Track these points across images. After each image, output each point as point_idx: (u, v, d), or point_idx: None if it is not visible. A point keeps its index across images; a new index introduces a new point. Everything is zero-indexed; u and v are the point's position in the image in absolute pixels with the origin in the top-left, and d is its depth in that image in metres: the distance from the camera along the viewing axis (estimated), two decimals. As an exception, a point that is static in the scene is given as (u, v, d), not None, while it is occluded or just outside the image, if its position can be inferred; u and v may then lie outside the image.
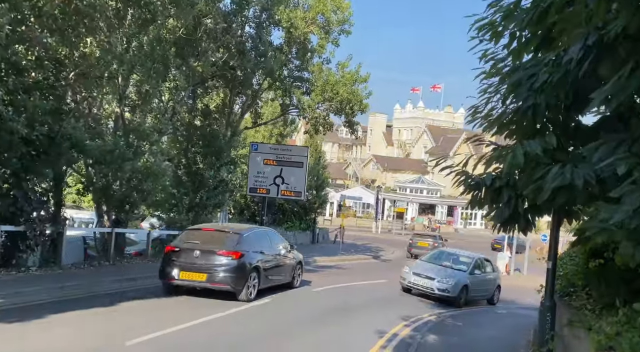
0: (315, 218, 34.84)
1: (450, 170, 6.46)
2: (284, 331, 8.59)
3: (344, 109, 20.03)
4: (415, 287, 14.18)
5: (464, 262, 15.13)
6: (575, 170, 4.13)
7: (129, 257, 15.94)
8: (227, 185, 18.29)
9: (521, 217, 6.24)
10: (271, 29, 18.27)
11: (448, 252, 16.35)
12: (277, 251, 11.97)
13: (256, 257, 10.72)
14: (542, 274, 22.47)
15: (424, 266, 14.86)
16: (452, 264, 14.96)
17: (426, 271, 14.27)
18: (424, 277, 14.01)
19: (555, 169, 4.22)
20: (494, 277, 16.08)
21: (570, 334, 6.29)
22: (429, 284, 13.82)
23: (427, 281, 13.88)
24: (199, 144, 18.48)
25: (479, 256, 15.96)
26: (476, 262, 15.18)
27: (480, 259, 15.64)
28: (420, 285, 13.98)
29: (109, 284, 10.75)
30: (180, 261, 10.04)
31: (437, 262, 15.09)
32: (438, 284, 13.73)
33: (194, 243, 10.39)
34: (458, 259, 15.39)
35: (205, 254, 10.06)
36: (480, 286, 14.96)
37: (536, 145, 4.76)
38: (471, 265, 14.85)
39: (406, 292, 14.55)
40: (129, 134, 12.75)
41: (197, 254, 10.06)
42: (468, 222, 62.47)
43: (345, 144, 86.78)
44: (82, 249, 15.25)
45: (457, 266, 14.85)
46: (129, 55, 11.08)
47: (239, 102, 20.41)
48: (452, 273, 14.26)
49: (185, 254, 10.10)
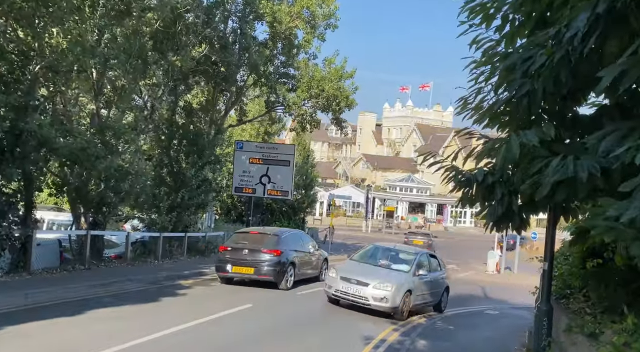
0: (304, 218, 34.31)
1: (439, 166, 5.99)
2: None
3: (330, 105, 19.53)
4: (344, 296, 10.86)
5: (406, 261, 11.96)
6: (578, 162, 3.67)
7: (108, 260, 15.30)
8: (211, 184, 17.68)
9: (515, 215, 5.78)
10: (255, 24, 17.72)
11: (385, 248, 12.78)
12: (308, 249, 14.33)
13: (292, 255, 13.01)
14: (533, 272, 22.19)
15: (355, 267, 11.60)
16: (391, 263, 11.85)
17: (358, 274, 11.01)
18: (355, 282, 10.74)
19: (556, 161, 3.76)
20: (441, 278, 12.96)
21: (569, 341, 5.86)
22: (362, 292, 10.59)
23: (359, 288, 10.66)
24: (182, 143, 17.88)
25: (423, 252, 13.02)
26: (420, 259, 12.00)
27: (425, 255, 12.64)
28: (351, 294, 10.68)
29: (81, 289, 10.13)
30: (232, 258, 12.42)
31: (372, 262, 11.92)
32: (373, 292, 10.52)
33: (243, 243, 12.85)
34: (398, 256, 12.20)
35: (253, 252, 12.40)
36: (426, 289, 11.89)
37: (533, 136, 4.30)
38: (414, 263, 11.63)
39: (333, 303, 11.39)
40: (104, 131, 12.11)
41: (246, 252, 12.45)
42: (458, 220, 62.42)
43: (335, 143, 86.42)
44: (57, 252, 14.59)
45: (396, 265, 11.77)
46: (101, 48, 10.44)
47: (224, 99, 19.81)
48: (391, 275, 11.14)
49: (236, 252, 12.50)
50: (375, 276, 10.93)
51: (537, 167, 4.28)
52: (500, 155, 4.73)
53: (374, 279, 10.73)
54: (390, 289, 10.51)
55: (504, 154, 4.64)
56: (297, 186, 32.08)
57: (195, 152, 17.51)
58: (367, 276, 10.89)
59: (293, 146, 22.44)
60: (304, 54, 19.88)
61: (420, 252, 12.65)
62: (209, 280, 13.51)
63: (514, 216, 5.80)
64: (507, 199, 5.59)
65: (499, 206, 5.67)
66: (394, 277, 11.01)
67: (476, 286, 19.70)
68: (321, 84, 19.30)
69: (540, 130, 4.46)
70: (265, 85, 19.91)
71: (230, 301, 10.52)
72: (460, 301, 15.66)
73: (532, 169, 4.40)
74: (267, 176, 20.67)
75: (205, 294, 11.49)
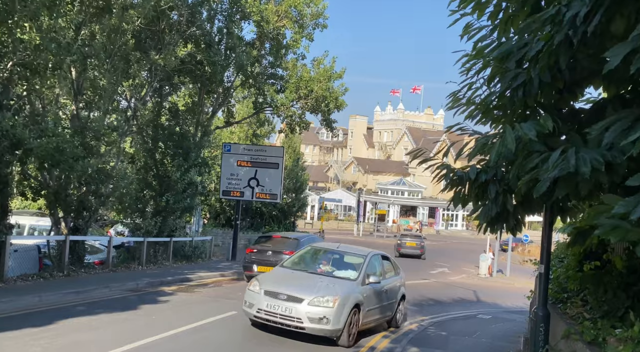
0: (295, 222, 33.88)
1: (429, 164, 5.65)
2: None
3: (319, 106, 19.18)
4: (270, 318, 7.99)
5: (353, 265, 9.33)
6: (580, 156, 3.34)
7: (91, 266, 14.78)
8: (197, 188, 17.23)
9: (510, 215, 5.47)
10: (241, 23, 17.35)
11: (325, 250, 10.07)
12: None
13: None
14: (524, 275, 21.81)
15: (285, 276, 8.78)
16: (334, 268, 9.28)
17: (289, 285, 8.25)
18: (285, 298, 7.96)
19: (557, 155, 3.42)
20: (397, 285, 10.32)
21: (567, 348, 5.53)
22: (294, 311, 7.81)
23: (289, 305, 7.87)
24: (167, 145, 17.42)
25: (374, 253, 9.96)
26: (371, 262, 9.42)
27: (377, 257, 9.89)
28: (279, 314, 7.88)
29: (55, 298, 9.62)
30: (258, 259, 13.81)
31: (309, 268, 9.24)
32: (309, 309, 7.80)
33: (267, 246, 14.39)
34: (342, 259, 9.64)
35: (275, 253, 13.64)
36: (379, 302, 9.21)
37: (530, 129, 3.97)
38: (363, 268, 8.99)
39: (258, 327, 8.49)
40: (84, 132, 11.63)
41: (270, 253, 13.77)
42: (449, 223, 62.35)
43: (327, 146, 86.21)
44: (36, 259, 14.06)
45: (341, 271, 9.14)
46: (77, 45, 9.99)
47: (211, 100, 19.39)
48: (334, 285, 8.36)
49: (261, 254, 13.93)
50: (312, 287, 8.16)
51: (534, 163, 3.96)
52: (494, 151, 4.40)
53: (311, 293, 7.95)
54: (331, 305, 7.79)
55: (498, 149, 4.32)
56: (287, 189, 31.70)
57: (181, 155, 17.06)
58: (301, 288, 8.13)
59: (282, 148, 22.06)
60: (293, 55, 19.55)
61: (371, 254, 9.71)
62: (193, 286, 13.05)
63: (509, 216, 5.48)
64: (502, 198, 5.27)
65: (493, 206, 5.35)
66: (338, 288, 8.24)
67: (468, 290, 19.42)
68: (310, 85, 18.94)
69: (537, 122, 4.13)
70: (253, 87, 19.53)
71: (214, 308, 10.09)
72: (453, 305, 15.37)
73: (529, 165, 4.07)
74: (256, 179, 20.27)
75: (188, 301, 11.04)
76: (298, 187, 33.22)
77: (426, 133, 69.78)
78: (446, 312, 13.63)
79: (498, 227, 5.71)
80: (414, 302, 13.93)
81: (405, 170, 68.58)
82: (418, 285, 18.82)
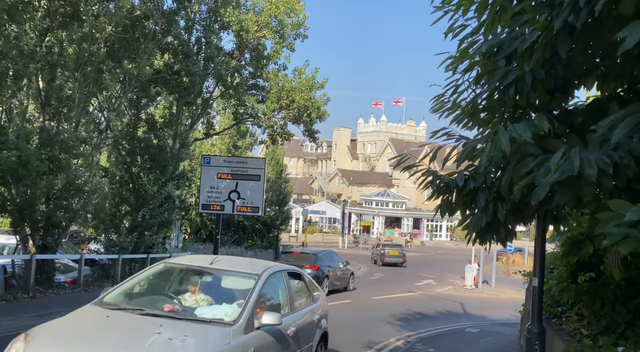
0: (278, 235, 33.19)
1: (414, 171, 5.26)
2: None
3: (301, 116, 18.79)
4: None
5: (233, 293, 5.31)
6: (584, 156, 2.97)
7: (61, 286, 14.01)
8: (174, 202, 16.60)
9: (501, 225, 5.08)
10: (220, 33, 16.95)
11: (190, 269, 5.70)
12: (338, 265, 18.20)
13: (327, 269, 16.65)
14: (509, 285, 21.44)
15: (89, 326, 4.52)
16: (197, 302, 5.01)
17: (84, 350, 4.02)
18: None
19: (558, 156, 3.05)
20: (314, 319, 6.29)
21: (566, 368, 5.13)
22: None
23: None
24: (144, 158, 16.80)
25: (274, 269, 5.78)
26: (267, 286, 5.33)
27: (279, 276, 5.80)
28: None
29: (15, 322, 8.92)
30: None
31: (148, 305, 4.85)
32: None
33: (289, 261, 15.51)
34: (217, 283, 5.58)
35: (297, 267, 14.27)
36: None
37: (525, 130, 3.60)
38: (251, 299, 4.90)
39: None
40: (49, 144, 11.01)
41: None
42: (434, 234, 62.28)
43: (311, 158, 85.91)
44: (1, 280, 13.28)
45: (206, 309, 4.85)
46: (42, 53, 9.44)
47: (190, 112, 18.85)
48: (183, 344, 4.07)
49: None
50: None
51: (529, 167, 3.59)
52: (485, 155, 4.01)
53: None
54: None
55: (489, 153, 3.93)
56: (270, 202, 31.11)
57: (158, 168, 16.45)
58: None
59: (264, 160, 21.48)
60: (274, 65, 19.18)
61: (269, 271, 5.56)
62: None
63: (500, 226, 5.10)
64: (492, 207, 4.88)
65: (483, 215, 4.96)
66: (191, 349, 4.10)
67: (455, 302, 19.03)
68: (291, 95, 18.57)
69: (532, 123, 3.77)
70: (233, 97, 19.07)
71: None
72: (440, 319, 14.94)
73: (523, 169, 3.70)
74: (237, 192, 19.59)
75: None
76: (282, 200, 32.64)
77: (409, 144, 70.03)
78: (433, 326, 13.19)
79: (488, 237, 5.32)
80: (400, 317, 13.48)
81: (389, 182, 68.55)
82: (404, 298, 18.38)
